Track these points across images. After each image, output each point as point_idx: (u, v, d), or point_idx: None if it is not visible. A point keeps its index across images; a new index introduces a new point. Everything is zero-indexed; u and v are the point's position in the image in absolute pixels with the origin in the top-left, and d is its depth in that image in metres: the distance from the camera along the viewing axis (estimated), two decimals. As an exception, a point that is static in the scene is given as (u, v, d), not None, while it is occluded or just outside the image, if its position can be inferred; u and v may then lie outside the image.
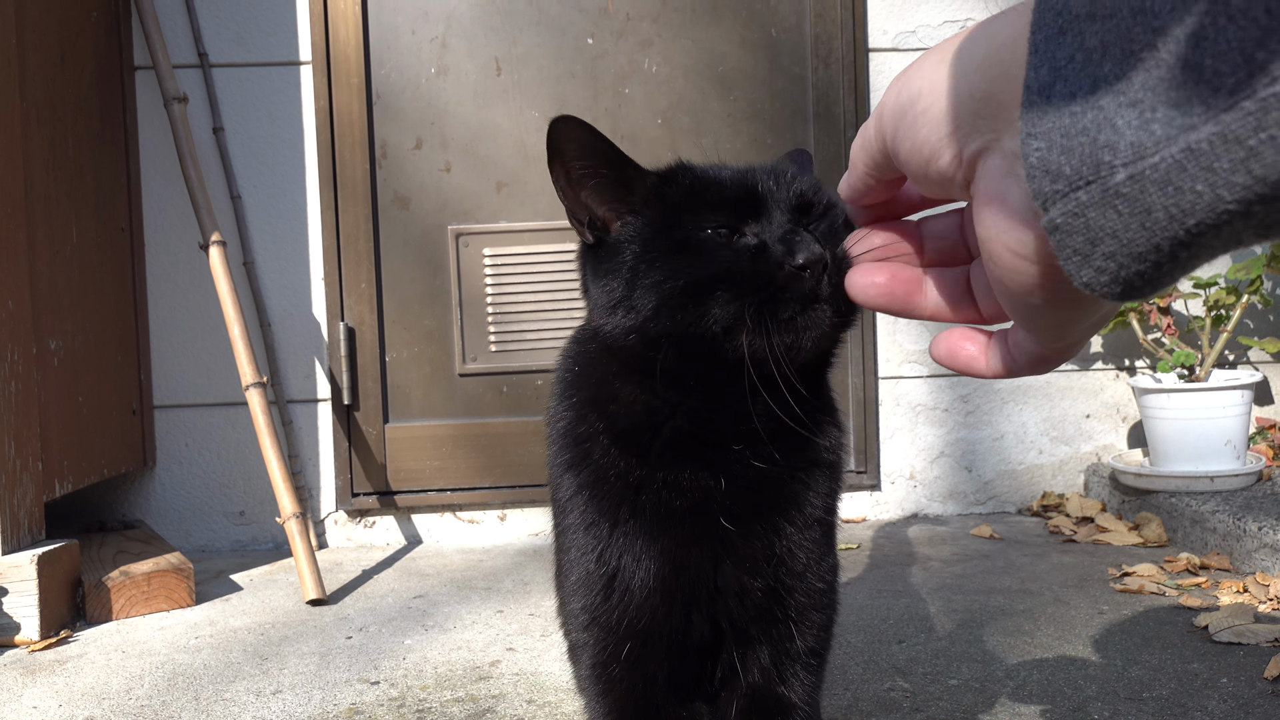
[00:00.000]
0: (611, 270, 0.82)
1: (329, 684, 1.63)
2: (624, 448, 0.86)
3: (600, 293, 0.83)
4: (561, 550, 0.95)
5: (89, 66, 2.36)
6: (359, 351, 2.59)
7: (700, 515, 0.85)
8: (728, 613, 0.87)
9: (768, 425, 0.83)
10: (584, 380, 0.90)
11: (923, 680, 1.54)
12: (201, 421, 2.59)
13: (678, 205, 0.82)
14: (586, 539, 0.88)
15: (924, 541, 2.41)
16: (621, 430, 0.86)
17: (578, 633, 0.92)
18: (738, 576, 0.86)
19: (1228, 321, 2.49)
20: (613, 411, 0.87)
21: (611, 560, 0.86)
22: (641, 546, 0.85)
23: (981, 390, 2.68)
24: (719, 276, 0.76)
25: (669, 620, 0.86)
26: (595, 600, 0.88)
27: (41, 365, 2.06)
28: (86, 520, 2.51)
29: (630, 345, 0.81)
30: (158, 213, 2.58)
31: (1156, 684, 1.49)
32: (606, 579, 0.87)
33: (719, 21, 2.63)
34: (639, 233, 0.82)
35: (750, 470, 0.85)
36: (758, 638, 0.88)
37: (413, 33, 2.59)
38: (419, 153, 2.61)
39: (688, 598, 0.86)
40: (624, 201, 0.85)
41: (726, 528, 0.84)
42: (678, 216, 0.81)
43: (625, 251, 0.82)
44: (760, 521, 0.86)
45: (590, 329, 0.89)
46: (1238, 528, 2.06)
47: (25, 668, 1.75)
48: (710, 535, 0.85)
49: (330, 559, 2.46)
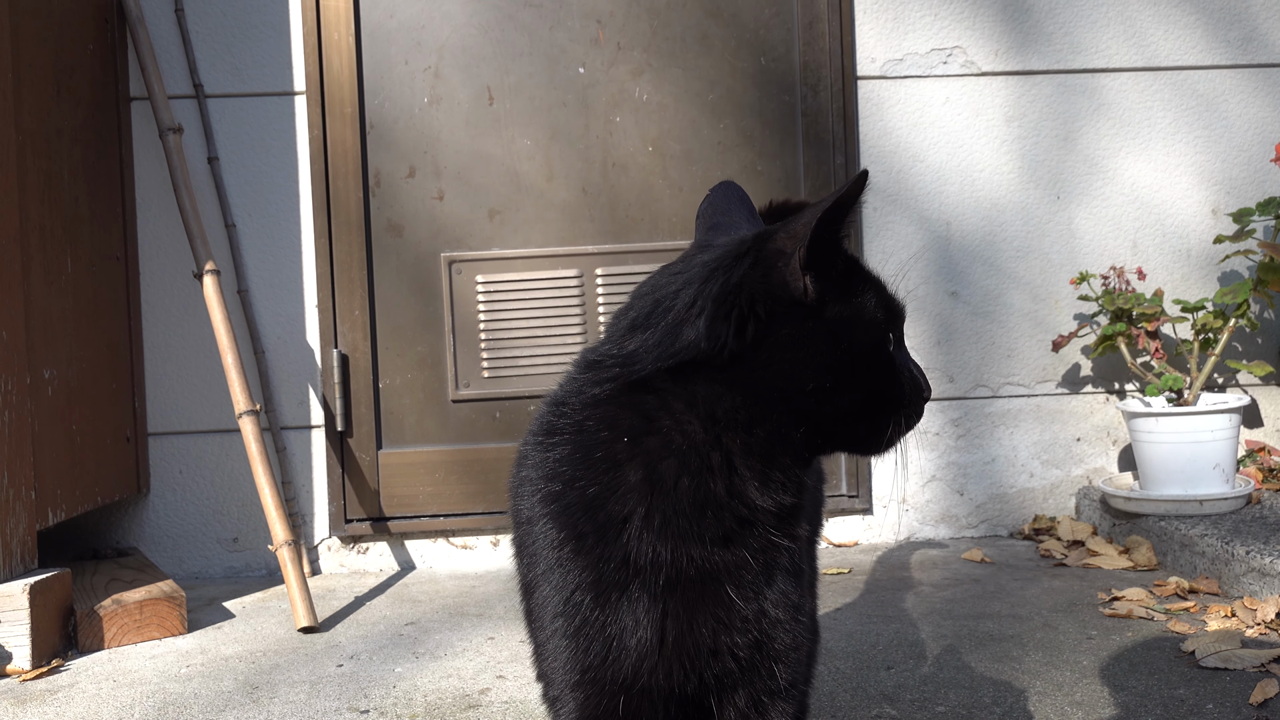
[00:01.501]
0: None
1: (319, 713, 1.63)
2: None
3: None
4: (532, 587, 0.93)
5: (85, 98, 2.39)
6: (352, 378, 2.61)
7: (710, 584, 0.85)
8: (717, 669, 0.88)
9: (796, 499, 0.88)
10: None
11: (910, 707, 1.55)
12: (195, 449, 2.60)
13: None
14: (581, 596, 0.86)
15: (915, 566, 2.41)
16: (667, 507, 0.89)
17: (562, 688, 0.88)
18: (731, 636, 0.87)
19: (1215, 345, 2.51)
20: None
21: (604, 626, 0.85)
22: (644, 610, 0.84)
23: (973, 414, 2.69)
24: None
25: (666, 680, 0.86)
26: (586, 658, 0.86)
27: (35, 394, 2.08)
28: (80, 547, 2.51)
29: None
30: (152, 242, 2.60)
31: (1143, 710, 1.50)
32: (601, 640, 0.85)
33: (709, 50, 2.66)
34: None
35: (767, 541, 0.87)
36: (740, 683, 0.89)
37: (406, 63, 2.62)
38: (412, 181, 2.63)
39: (686, 660, 0.86)
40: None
41: (733, 596, 0.85)
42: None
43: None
44: (758, 583, 0.87)
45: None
46: (1226, 551, 2.07)
47: (16, 698, 1.75)
48: (717, 602, 0.85)
49: (323, 585, 2.46)
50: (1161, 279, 2.69)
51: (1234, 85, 2.71)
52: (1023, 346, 2.70)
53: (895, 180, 2.68)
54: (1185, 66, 2.70)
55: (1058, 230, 2.70)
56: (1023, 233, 2.69)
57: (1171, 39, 2.69)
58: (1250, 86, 2.71)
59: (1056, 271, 2.69)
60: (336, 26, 2.58)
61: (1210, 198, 2.71)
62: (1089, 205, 2.70)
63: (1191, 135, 2.70)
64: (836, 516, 2.66)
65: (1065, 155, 2.70)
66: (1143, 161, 2.70)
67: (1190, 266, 2.71)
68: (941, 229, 2.68)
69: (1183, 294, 2.68)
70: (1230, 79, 2.71)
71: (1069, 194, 2.70)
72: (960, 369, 2.69)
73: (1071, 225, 2.70)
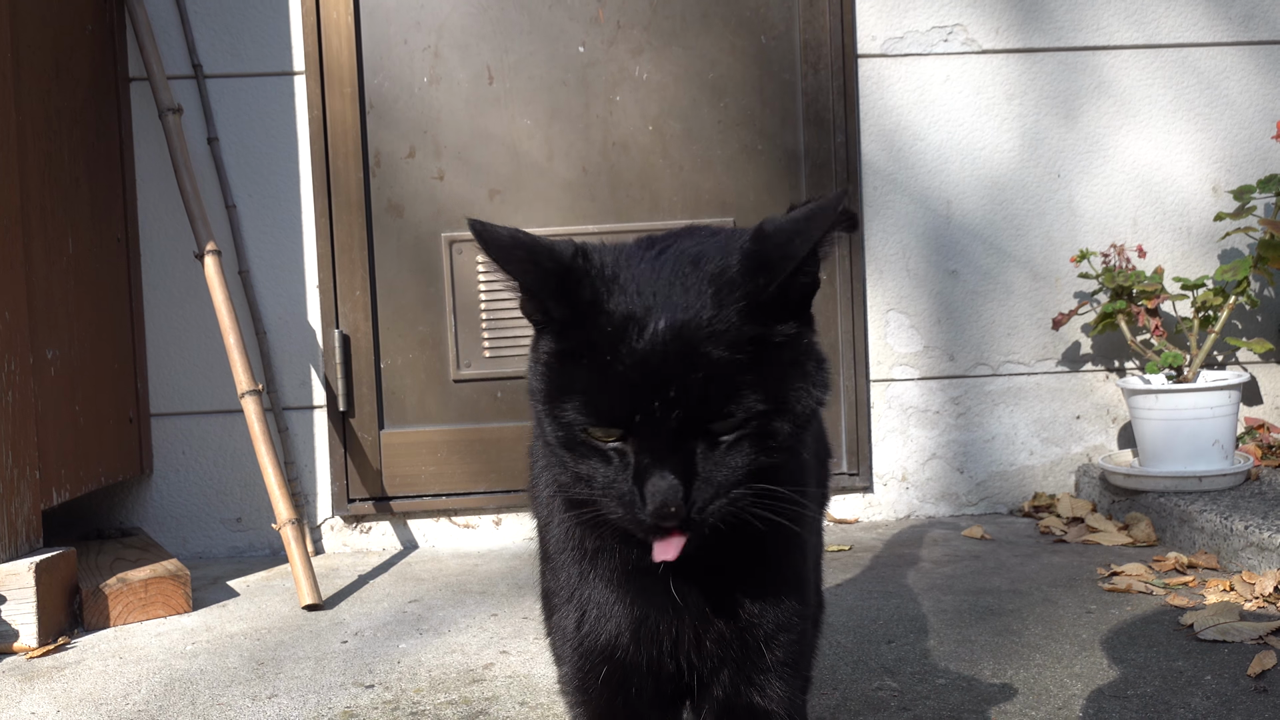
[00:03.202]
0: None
1: (324, 688, 1.64)
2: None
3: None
4: (546, 558, 0.99)
5: (84, 79, 2.38)
6: (354, 358, 2.61)
7: (651, 578, 0.88)
8: (690, 655, 0.91)
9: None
10: None
11: (910, 679, 1.56)
12: (198, 429, 2.61)
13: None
14: (567, 575, 0.94)
15: (915, 543, 2.43)
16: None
17: (560, 649, 0.97)
18: (695, 627, 0.90)
19: (1215, 323, 2.51)
20: None
21: (585, 607, 0.92)
22: (605, 600, 0.91)
23: (973, 392, 2.70)
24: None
25: (641, 658, 0.91)
26: (574, 629, 0.93)
27: (38, 374, 2.08)
28: (84, 528, 2.53)
29: None
30: (153, 223, 2.60)
31: (1141, 681, 1.51)
32: (579, 618, 0.93)
33: (709, 29, 2.65)
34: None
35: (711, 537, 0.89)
36: (724, 665, 0.91)
37: (405, 42, 2.61)
38: (412, 161, 2.63)
39: (652, 646, 0.91)
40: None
41: (677, 590, 0.88)
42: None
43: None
44: (714, 576, 0.89)
45: None
46: (1225, 527, 2.08)
47: (23, 674, 1.77)
48: (665, 594, 0.89)
49: (326, 565, 2.47)
50: (1162, 257, 2.69)
51: (1235, 63, 2.70)
52: (1023, 324, 2.70)
53: (895, 159, 2.67)
54: (1187, 44, 2.69)
55: (1058, 208, 2.69)
56: (1023, 211, 2.69)
57: (1173, 16, 2.69)
58: (1252, 64, 2.70)
59: (1057, 250, 2.69)
60: (335, 5, 2.58)
61: (1211, 175, 2.71)
62: (1090, 183, 2.70)
63: (1193, 113, 2.70)
64: (837, 494, 2.67)
65: (1066, 133, 2.69)
66: (1144, 139, 2.70)
67: (1191, 244, 2.71)
68: (942, 207, 2.68)
69: (1183, 271, 2.68)
70: (1231, 56, 2.70)
71: (1070, 172, 2.70)
72: (960, 347, 2.69)
73: (1072, 203, 2.70)
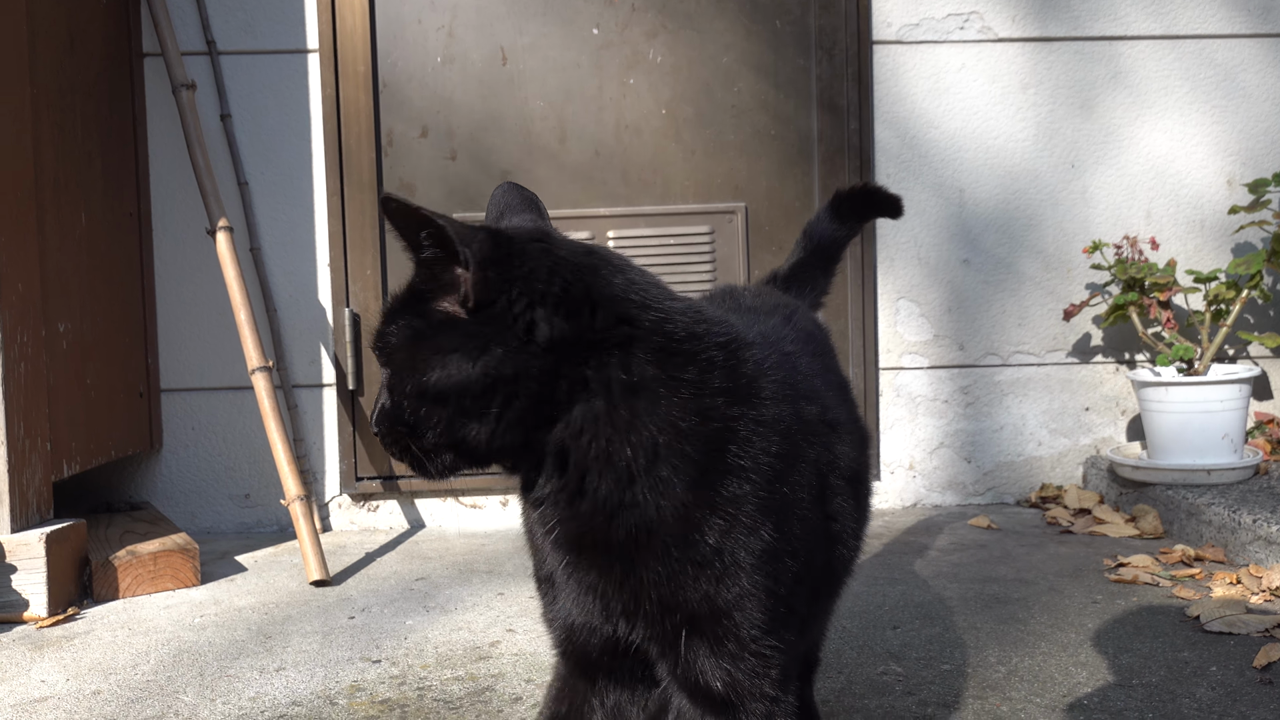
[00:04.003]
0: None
1: (331, 662, 1.65)
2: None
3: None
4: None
5: (98, 53, 2.39)
6: (364, 337, 2.62)
7: (584, 553, 0.92)
8: (624, 628, 0.92)
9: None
10: None
11: (915, 665, 1.57)
12: (208, 405, 2.62)
13: None
14: (536, 558, 1.04)
15: (922, 531, 2.43)
16: None
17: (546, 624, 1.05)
18: (622, 598, 0.90)
19: (1227, 316, 2.50)
20: None
21: (544, 586, 1.02)
22: (556, 579, 0.97)
23: (982, 382, 2.70)
24: None
25: (590, 630, 0.96)
26: (546, 608, 1.02)
27: (50, 348, 2.09)
28: (94, 501, 2.54)
29: None
30: (166, 198, 2.60)
31: (1147, 671, 1.51)
32: (547, 598, 1.01)
33: (724, 13, 2.64)
34: None
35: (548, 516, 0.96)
36: (670, 639, 0.90)
37: (419, 22, 2.61)
38: (424, 141, 2.63)
39: (588, 620, 0.95)
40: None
41: (564, 560, 0.93)
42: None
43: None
44: (604, 552, 0.90)
45: None
46: (1233, 520, 2.08)
47: (33, 643, 1.78)
48: (595, 569, 0.91)
49: (334, 542, 2.48)
50: (1175, 249, 2.68)
51: (1253, 55, 2.68)
52: (1034, 315, 2.69)
53: (909, 147, 2.66)
54: (1204, 35, 2.67)
55: (1072, 199, 2.68)
56: (1036, 200, 2.68)
57: (1192, 7, 2.67)
58: (1269, 56, 2.68)
59: (1069, 240, 2.68)
60: (350, -16, 2.57)
61: (1226, 168, 2.69)
62: (1104, 174, 2.69)
63: (1209, 105, 2.68)
64: (844, 482, 2.67)
65: (1081, 123, 2.68)
66: (1159, 131, 2.68)
67: (1204, 237, 2.70)
68: (955, 196, 2.67)
69: (1196, 264, 2.67)
70: (1249, 48, 2.68)
71: (1084, 162, 2.68)
72: (971, 336, 2.69)
73: (1086, 194, 2.68)
